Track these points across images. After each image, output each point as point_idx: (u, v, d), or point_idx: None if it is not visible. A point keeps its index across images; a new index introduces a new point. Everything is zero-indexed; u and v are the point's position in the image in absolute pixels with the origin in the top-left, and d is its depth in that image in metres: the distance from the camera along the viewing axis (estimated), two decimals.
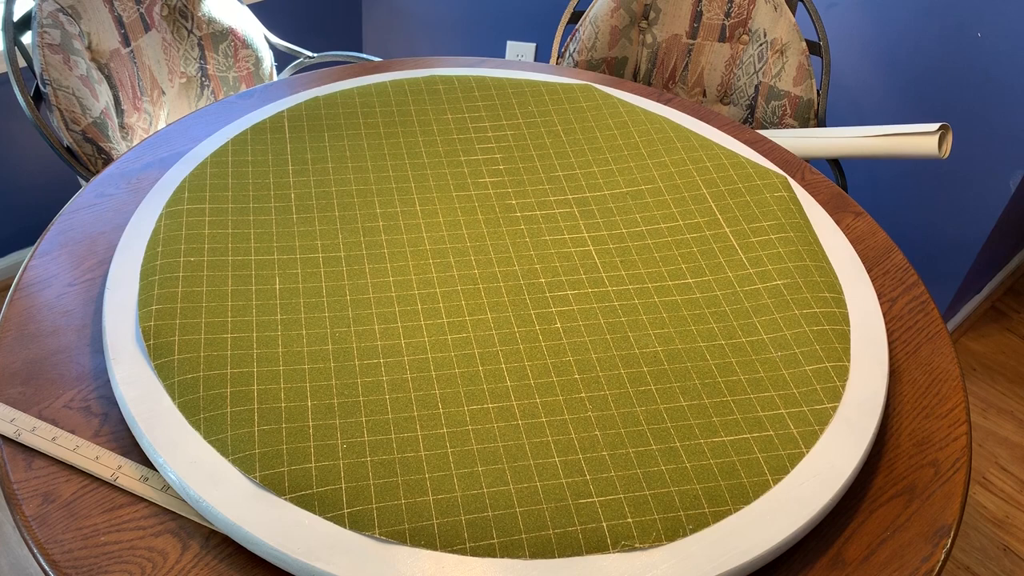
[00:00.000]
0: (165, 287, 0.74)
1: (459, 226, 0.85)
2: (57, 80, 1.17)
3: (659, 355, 0.73)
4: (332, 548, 0.57)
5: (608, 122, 1.02)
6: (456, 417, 0.66)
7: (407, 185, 0.90)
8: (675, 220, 0.88)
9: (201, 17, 1.41)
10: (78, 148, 1.20)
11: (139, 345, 0.70)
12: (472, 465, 0.63)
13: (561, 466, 0.63)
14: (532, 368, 0.71)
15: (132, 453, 0.64)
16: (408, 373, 0.70)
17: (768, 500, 0.62)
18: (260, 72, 1.48)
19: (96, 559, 0.57)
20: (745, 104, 1.47)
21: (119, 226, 0.84)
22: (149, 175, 0.91)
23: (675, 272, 0.82)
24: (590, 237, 0.85)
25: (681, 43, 1.49)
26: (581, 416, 0.67)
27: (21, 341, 0.72)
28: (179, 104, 1.45)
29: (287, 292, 0.76)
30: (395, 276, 0.79)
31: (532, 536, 0.59)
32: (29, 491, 0.61)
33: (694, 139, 0.99)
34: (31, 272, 0.79)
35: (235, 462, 0.61)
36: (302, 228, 0.83)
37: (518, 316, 0.76)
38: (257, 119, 0.97)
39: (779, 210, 0.88)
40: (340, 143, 0.95)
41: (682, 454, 0.65)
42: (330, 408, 0.66)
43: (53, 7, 1.20)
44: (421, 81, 1.06)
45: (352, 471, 0.62)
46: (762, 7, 1.41)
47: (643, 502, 0.61)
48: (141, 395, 0.66)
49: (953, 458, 0.70)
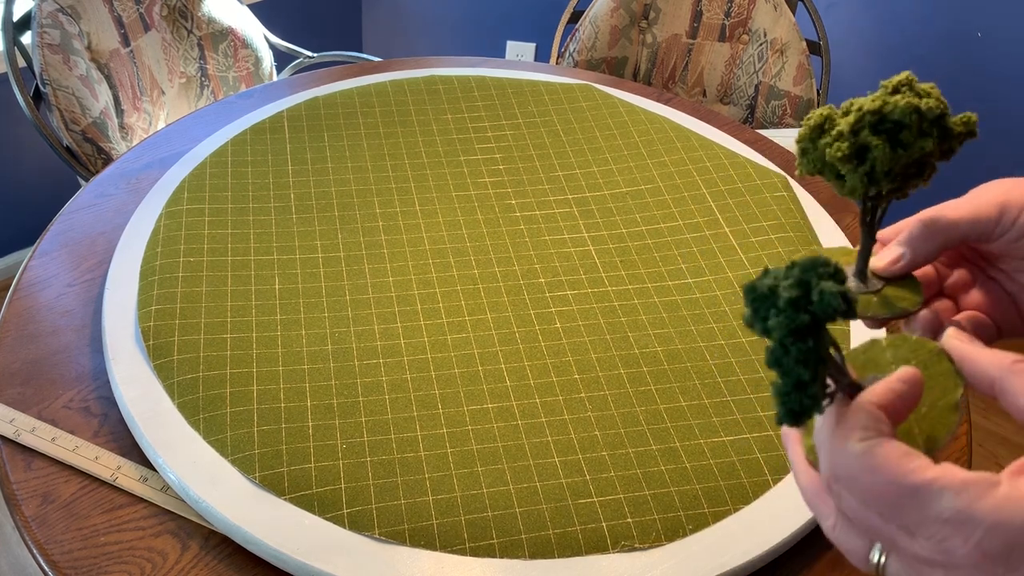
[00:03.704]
0: (165, 287, 0.74)
1: (459, 226, 0.85)
2: (57, 80, 1.17)
3: (659, 355, 0.73)
4: (332, 548, 0.57)
5: (608, 122, 1.02)
6: (456, 417, 0.66)
7: (407, 185, 0.90)
8: (675, 220, 0.88)
9: (201, 17, 1.41)
10: (78, 148, 1.20)
11: (139, 345, 0.70)
12: (472, 465, 0.63)
13: (561, 466, 0.63)
14: (532, 368, 0.71)
15: (132, 453, 0.64)
16: (408, 373, 0.70)
17: (768, 500, 0.62)
18: (260, 72, 1.48)
19: (96, 559, 0.57)
20: (745, 104, 1.47)
21: (119, 226, 0.84)
22: (149, 175, 0.91)
23: (675, 272, 0.82)
24: (590, 237, 0.85)
25: (681, 43, 1.49)
26: (581, 416, 0.67)
27: (21, 341, 0.72)
28: (179, 104, 1.45)
29: (287, 292, 0.76)
30: (395, 276, 0.79)
31: (532, 536, 0.58)
32: (29, 491, 0.61)
33: (694, 139, 0.99)
34: (31, 272, 0.79)
35: (235, 462, 0.61)
36: (302, 228, 0.83)
37: (518, 316, 0.76)
38: (257, 119, 0.97)
39: (779, 210, 0.88)
40: (340, 143, 0.95)
41: (682, 454, 0.65)
42: (330, 408, 0.66)
43: (53, 7, 1.20)
44: (421, 81, 1.06)
45: (352, 471, 0.62)
46: (762, 7, 1.41)
47: (643, 502, 0.61)
48: (141, 395, 0.66)
49: (953, 458, 0.70)
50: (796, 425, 0.31)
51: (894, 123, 0.36)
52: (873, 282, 0.40)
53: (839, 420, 0.31)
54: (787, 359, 0.30)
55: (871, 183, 0.37)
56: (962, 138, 0.37)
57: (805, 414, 0.30)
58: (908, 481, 0.27)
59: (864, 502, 0.29)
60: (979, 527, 0.26)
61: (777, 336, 0.30)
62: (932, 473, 0.27)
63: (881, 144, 0.36)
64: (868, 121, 0.36)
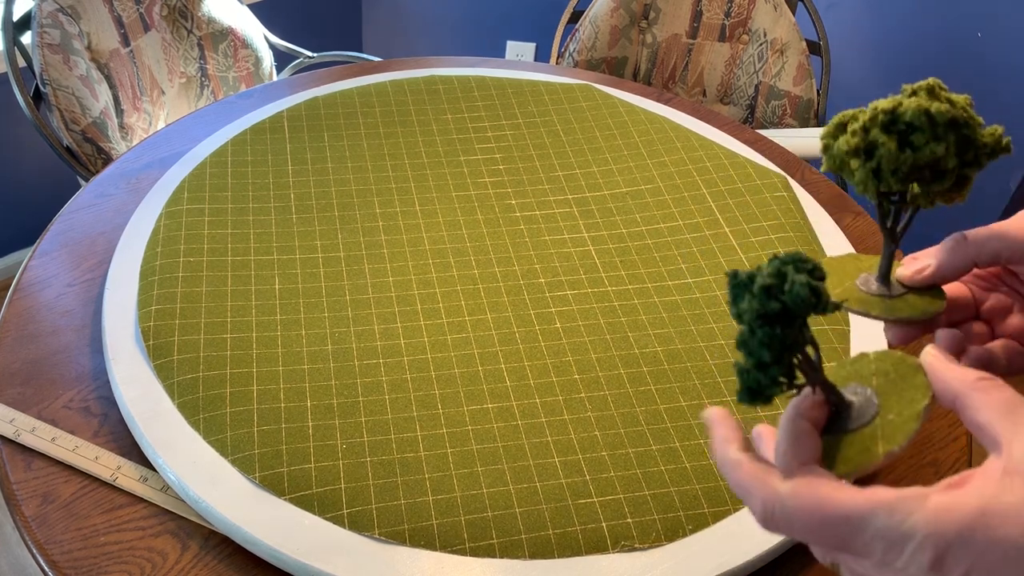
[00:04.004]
0: (165, 287, 0.74)
1: (459, 226, 0.85)
2: (57, 80, 1.17)
3: (659, 355, 0.73)
4: (332, 548, 0.57)
5: (608, 122, 1.02)
6: (456, 417, 0.66)
7: (407, 185, 0.90)
8: (675, 220, 0.88)
9: (201, 17, 1.41)
10: (78, 148, 1.20)
11: (139, 345, 0.70)
12: (472, 465, 0.63)
13: (561, 466, 0.63)
14: (532, 368, 0.71)
15: (132, 453, 0.64)
16: (408, 373, 0.70)
17: None
18: (260, 72, 1.48)
19: (96, 559, 0.57)
20: (745, 104, 1.47)
21: (119, 226, 0.84)
22: (149, 175, 0.91)
23: (675, 272, 0.82)
24: (590, 237, 0.85)
25: (681, 43, 1.49)
26: (581, 416, 0.67)
27: (21, 341, 0.72)
28: (179, 104, 1.45)
29: (286, 292, 0.76)
30: (395, 276, 0.79)
31: (532, 536, 0.58)
32: (29, 491, 0.61)
33: (694, 139, 0.99)
34: (31, 272, 0.79)
35: (235, 462, 0.61)
36: (301, 228, 0.83)
37: (518, 316, 0.76)
38: (257, 119, 0.97)
39: (779, 210, 0.88)
40: (340, 143, 0.95)
41: (682, 454, 0.65)
42: (330, 408, 0.66)
43: (53, 7, 1.20)
44: (421, 81, 1.06)
45: (352, 471, 0.62)
46: (762, 7, 1.41)
47: (643, 502, 0.61)
48: (141, 395, 0.66)
49: (953, 458, 0.70)
50: (752, 403, 0.33)
51: (907, 124, 0.36)
52: (897, 288, 0.40)
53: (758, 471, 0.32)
54: (752, 340, 0.32)
55: (878, 180, 0.37)
56: (989, 150, 0.37)
57: (762, 394, 0.32)
58: (839, 512, 0.29)
59: (805, 537, 0.30)
60: (912, 540, 0.27)
61: (747, 319, 0.32)
62: (862, 498, 0.29)
63: (887, 141, 0.36)
64: (881, 120, 0.37)
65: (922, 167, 0.37)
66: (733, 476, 0.32)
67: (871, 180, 0.37)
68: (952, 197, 0.39)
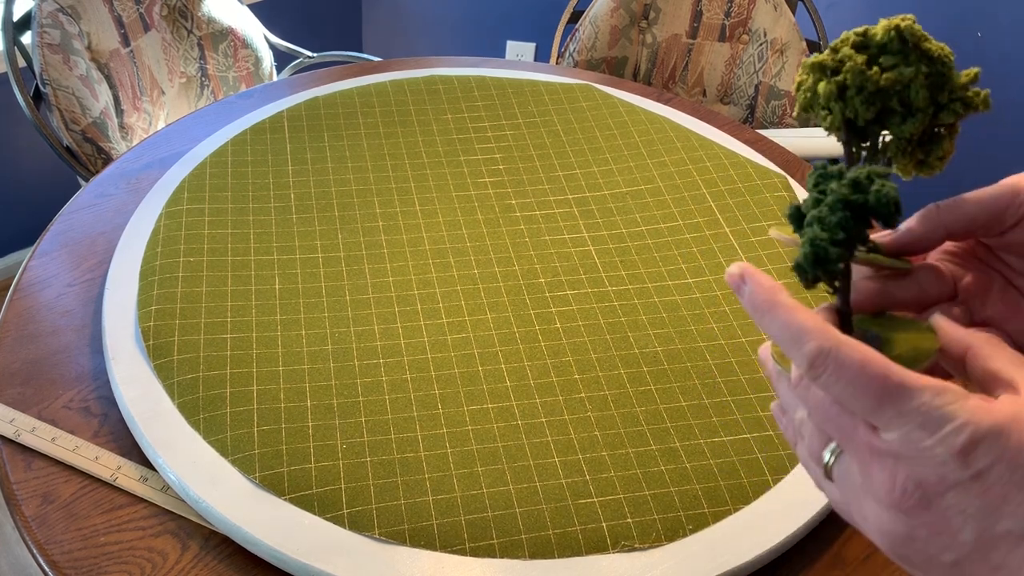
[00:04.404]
0: (165, 287, 0.74)
1: (459, 226, 0.85)
2: (57, 80, 1.17)
3: (659, 355, 0.73)
4: (332, 548, 0.57)
5: (608, 122, 1.02)
6: (456, 417, 0.66)
7: (407, 185, 0.90)
8: (675, 220, 0.88)
9: (201, 17, 1.41)
10: (78, 148, 1.20)
11: (139, 345, 0.70)
12: (472, 465, 0.63)
13: (561, 466, 0.63)
14: (532, 368, 0.71)
15: (132, 453, 0.64)
16: (408, 373, 0.70)
17: (768, 500, 0.62)
18: (260, 72, 1.48)
19: (96, 559, 0.57)
20: (745, 104, 1.47)
21: (119, 226, 0.84)
22: (149, 175, 0.91)
23: (675, 272, 0.82)
24: (590, 237, 0.85)
25: (681, 43, 1.49)
26: (581, 416, 0.67)
27: (21, 341, 0.72)
28: (179, 104, 1.45)
29: (286, 292, 0.76)
30: (395, 276, 0.79)
31: (532, 536, 0.58)
32: (29, 491, 0.61)
33: (694, 139, 0.99)
34: (31, 272, 0.79)
35: (235, 462, 0.61)
36: (302, 228, 0.83)
37: (518, 316, 0.76)
38: (257, 119, 0.97)
39: (779, 210, 0.88)
40: (340, 143, 0.95)
41: (682, 454, 0.65)
42: (330, 408, 0.66)
43: (53, 7, 1.20)
44: (421, 81, 1.06)
45: (352, 471, 0.62)
46: (762, 7, 1.41)
47: (643, 502, 0.61)
48: (141, 395, 0.66)
49: None
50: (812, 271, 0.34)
51: (878, 48, 0.36)
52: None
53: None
54: (831, 218, 0.33)
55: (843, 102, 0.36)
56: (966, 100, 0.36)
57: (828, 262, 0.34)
58: (894, 378, 0.30)
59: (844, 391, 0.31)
60: (951, 423, 0.29)
61: (829, 201, 0.33)
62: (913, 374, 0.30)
63: (854, 55, 0.36)
64: (852, 41, 0.37)
65: (891, 96, 0.36)
66: (787, 317, 0.32)
67: (836, 103, 0.36)
68: (930, 162, 0.37)
